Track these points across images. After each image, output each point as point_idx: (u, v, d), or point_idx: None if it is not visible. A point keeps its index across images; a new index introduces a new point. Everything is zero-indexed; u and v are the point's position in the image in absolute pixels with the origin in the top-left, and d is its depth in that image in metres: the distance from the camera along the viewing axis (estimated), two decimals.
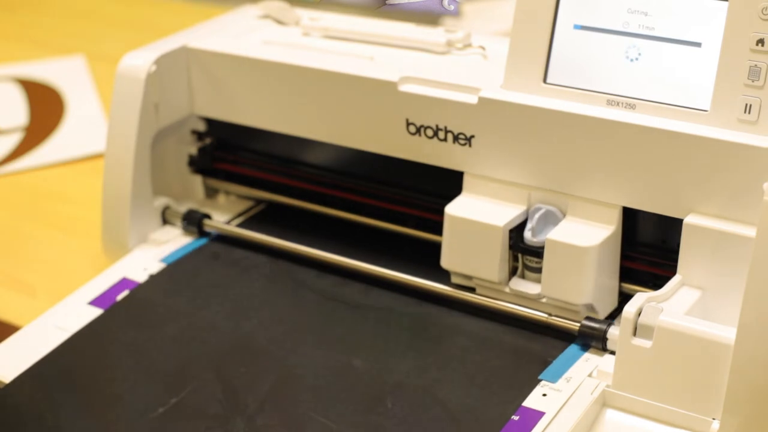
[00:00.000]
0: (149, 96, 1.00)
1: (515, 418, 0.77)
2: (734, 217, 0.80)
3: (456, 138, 0.90)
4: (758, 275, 0.71)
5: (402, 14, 1.05)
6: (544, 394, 0.79)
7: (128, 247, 1.00)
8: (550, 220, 0.87)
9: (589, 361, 0.83)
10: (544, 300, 0.88)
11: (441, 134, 0.91)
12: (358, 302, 0.92)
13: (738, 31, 0.78)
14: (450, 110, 0.90)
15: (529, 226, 0.87)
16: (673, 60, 0.82)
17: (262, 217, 1.06)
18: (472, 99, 0.88)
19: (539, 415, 0.77)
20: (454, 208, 0.90)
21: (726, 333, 0.75)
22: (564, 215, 0.87)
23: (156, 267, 0.98)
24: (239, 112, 1.02)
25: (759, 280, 0.71)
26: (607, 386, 0.79)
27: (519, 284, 0.89)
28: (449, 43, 0.97)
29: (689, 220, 0.81)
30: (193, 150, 1.08)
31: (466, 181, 0.91)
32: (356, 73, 0.94)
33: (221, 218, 1.05)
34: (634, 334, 0.78)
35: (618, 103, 0.83)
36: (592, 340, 0.83)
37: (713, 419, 0.76)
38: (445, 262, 0.91)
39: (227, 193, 1.10)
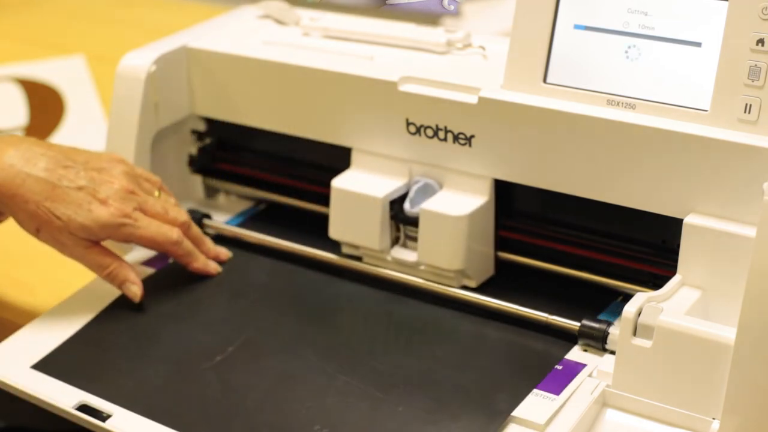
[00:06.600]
0: (149, 96, 1.00)
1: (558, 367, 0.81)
2: (734, 217, 0.80)
3: (456, 138, 0.90)
4: (758, 275, 0.71)
5: (402, 14, 1.06)
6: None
7: (128, 247, 1.00)
8: (428, 192, 0.93)
9: (589, 361, 0.83)
10: (422, 267, 0.92)
11: (441, 134, 0.91)
12: (357, 302, 0.93)
13: (738, 31, 0.78)
14: (450, 110, 0.90)
15: (408, 197, 0.93)
16: (673, 60, 0.82)
17: (262, 217, 1.06)
18: (472, 99, 0.88)
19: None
20: (339, 182, 0.94)
21: (726, 333, 0.75)
22: (441, 187, 0.92)
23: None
24: (239, 112, 1.02)
25: (759, 280, 0.71)
26: (607, 386, 0.79)
27: (399, 252, 0.94)
28: (449, 43, 0.97)
29: (689, 220, 0.81)
30: (193, 150, 1.08)
31: (354, 156, 0.96)
32: (356, 73, 0.94)
33: (221, 218, 1.05)
34: (634, 334, 0.78)
35: (618, 103, 0.83)
36: (592, 340, 0.84)
37: (713, 419, 0.76)
38: (333, 232, 0.96)
39: (227, 192, 1.10)
